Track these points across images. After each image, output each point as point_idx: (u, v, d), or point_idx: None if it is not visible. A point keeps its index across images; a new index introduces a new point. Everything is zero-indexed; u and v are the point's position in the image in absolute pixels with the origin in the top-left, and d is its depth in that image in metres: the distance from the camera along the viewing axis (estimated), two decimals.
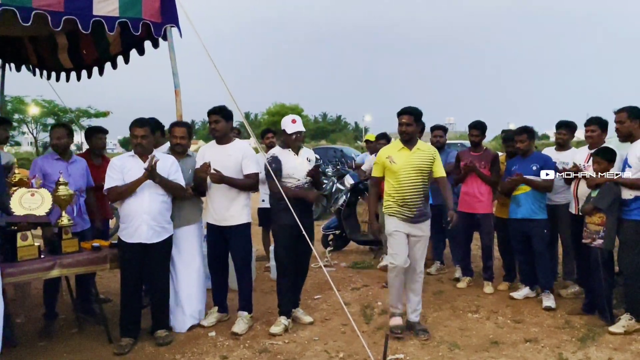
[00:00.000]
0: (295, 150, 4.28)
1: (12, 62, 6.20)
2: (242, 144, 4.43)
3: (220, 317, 4.52)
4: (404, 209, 4.10)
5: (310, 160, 4.30)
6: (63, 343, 4.09)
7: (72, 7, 3.83)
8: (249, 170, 4.27)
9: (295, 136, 4.25)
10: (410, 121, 4.06)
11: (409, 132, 4.07)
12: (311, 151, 4.51)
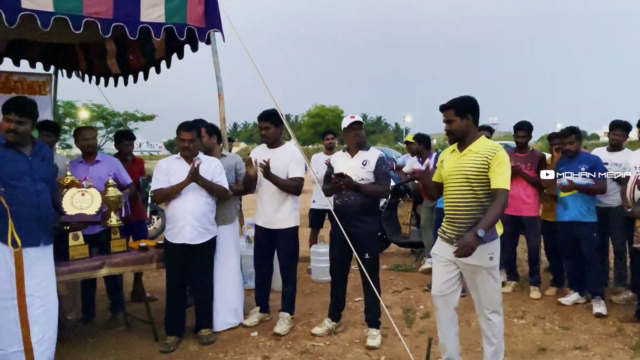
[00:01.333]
0: (353, 150, 4.15)
1: (63, 69, 6.45)
2: (291, 147, 4.45)
3: (262, 317, 4.57)
4: (447, 227, 3.29)
5: (366, 163, 4.05)
6: (111, 340, 4.22)
7: (120, 14, 3.95)
8: (294, 174, 4.30)
9: (351, 131, 4.10)
10: (451, 116, 3.22)
11: (452, 130, 3.24)
12: (377, 152, 4.19)
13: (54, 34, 3.93)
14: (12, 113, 3.10)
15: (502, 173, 3.07)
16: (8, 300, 3.11)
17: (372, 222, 4.12)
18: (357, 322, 4.55)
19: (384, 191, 4.13)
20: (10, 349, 3.13)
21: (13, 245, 3.12)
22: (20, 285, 3.14)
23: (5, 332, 3.12)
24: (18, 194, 3.14)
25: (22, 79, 5.77)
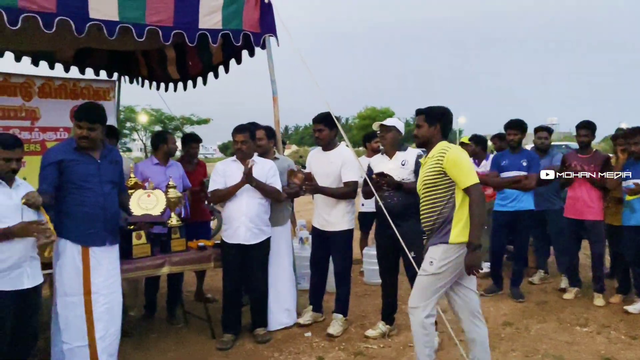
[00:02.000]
0: (391, 152, 4.18)
1: (126, 75, 6.74)
2: (344, 150, 4.46)
3: (316, 317, 4.60)
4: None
5: (405, 163, 4.07)
6: (171, 336, 4.37)
7: (180, 22, 4.09)
8: (347, 177, 4.31)
9: (380, 136, 4.21)
10: (421, 122, 3.33)
11: (417, 134, 3.35)
12: (416, 151, 4.15)
13: (118, 42, 4.11)
14: (84, 120, 3.28)
15: (461, 170, 3.07)
16: (75, 296, 3.29)
17: (417, 221, 4.06)
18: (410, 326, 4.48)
19: None
20: (75, 344, 3.30)
21: (80, 244, 3.31)
22: (87, 283, 3.31)
23: (72, 327, 3.29)
24: (86, 196, 3.32)
25: (89, 85, 6.07)
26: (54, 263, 3.34)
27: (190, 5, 4.14)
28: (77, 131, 3.30)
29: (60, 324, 3.30)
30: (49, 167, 3.23)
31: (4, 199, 2.94)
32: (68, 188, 3.29)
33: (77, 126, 3.29)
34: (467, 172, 3.08)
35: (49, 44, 5.01)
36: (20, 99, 5.57)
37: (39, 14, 3.49)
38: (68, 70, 6.09)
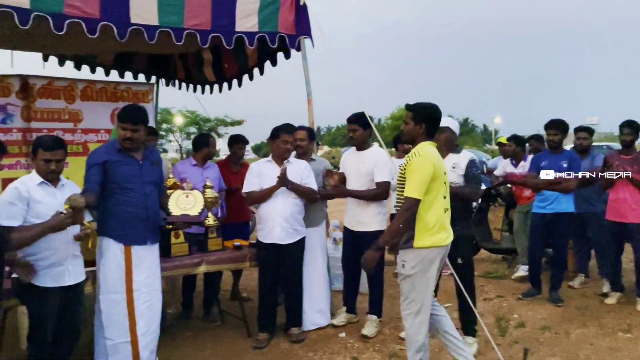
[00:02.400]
0: (443, 153, 3.96)
1: (163, 78, 6.89)
2: (377, 151, 4.45)
3: (350, 318, 4.60)
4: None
5: (455, 166, 3.92)
6: (207, 334, 4.45)
7: (217, 25, 4.16)
8: (379, 178, 4.29)
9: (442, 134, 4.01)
10: (408, 119, 3.36)
11: (404, 130, 3.43)
12: (469, 155, 4.04)
13: (157, 45, 4.21)
14: (128, 122, 3.37)
15: (410, 180, 3.11)
16: (118, 294, 3.38)
17: (464, 225, 4.00)
18: None
19: (472, 194, 4.00)
20: (118, 340, 3.39)
21: (123, 243, 3.40)
22: (129, 281, 3.40)
23: (115, 324, 3.39)
24: (129, 196, 3.41)
25: (128, 88, 6.22)
26: (97, 261, 3.45)
27: (227, 8, 4.21)
28: (121, 132, 3.39)
29: (104, 320, 3.40)
30: (94, 168, 3.33)
31: (48, 199, 3.05)
32: (111, 188, 3.39)
33: (121, 128, 3.39)
34: (415, 183, 3.09)
35: (92, 48, 5.16)
36: (63, 101, 5.75)
37: (83, 19, 3.61)
38: (108, 74, 6.26)
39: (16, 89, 5.43)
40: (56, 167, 3.07)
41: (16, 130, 5.43)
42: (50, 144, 3.07)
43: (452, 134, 4.02)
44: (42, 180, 3.05)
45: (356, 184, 4.37)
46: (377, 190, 4.30)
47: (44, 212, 2.97)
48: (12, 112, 5.42)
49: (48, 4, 3.48)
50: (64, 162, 3.17)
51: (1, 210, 2.89)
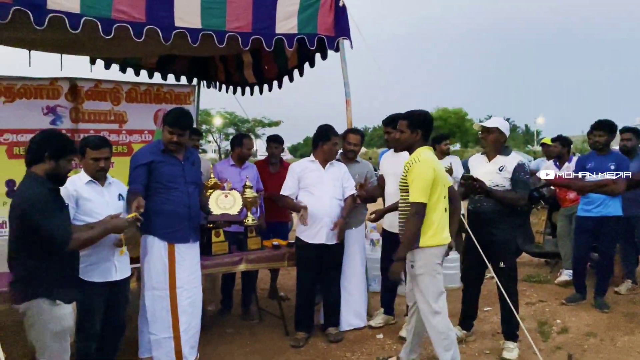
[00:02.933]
0: (491, 154, 3.99)
1: (204, 80, 7.02)
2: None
3: (387, 320, 4.58)
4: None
5: (502, 169, 3.86)
6: (246, 332, 4.51)
7: (258, 28, 4.23)
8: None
9: (482, 137, 4.05)
10: (403, 127, 3.45)
11: (400, 139, 3.52)
12: (518, 157, 3.94)
13: (199, 48, 4.30)
14: (176, 127, 3.48)
15: (413, 186, 3.26)
16: (162, 290, 3.48)
17: (508, 229, 3.93)
18: (486, 333, 4.38)
19: (518, 199, 3.88)
20: (161, 335, 3.49)
21: (167, 241, 3.49)
22: (172, 278, 3.50)
23: (158, 319, 3.49)
24: (173, 195, 3.51)
25: (171, 90, 6.36)
26: (141, 258, 3.56)
27: (267, 11, 4.27)
28: (168, 136, 3.49)
29: (148, 316, 3.50)
30: (140, 169, 3.44)
31: (97, 197, 3.16)
32: (156, 188, 3.49)
33: (169, 132, 3.49)
34: (419, 188, 3.24)
35: (137, 51, 5.33)
36: (109, 103, 5.93)
37: (130, 23, 3.73)
38: (152, 77, 6.44)
39: (65, 91, 5.62)
40: (104, 165, 3.18)
41: (65, 131, 5.57)
42: (98, 143, 3.18)
43: (500, 135, 3.94)
44: (90, 179, 3.16)
45: (394, 187, 4.35)
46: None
47: (93, 210, 3.09)
48: (62, 114, 5.62)
49: (97, 9, 3.62)
50: (111, 160, 3.29)
51: None
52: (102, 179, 3.24)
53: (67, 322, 2.76)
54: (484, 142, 4.05)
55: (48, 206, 2.63)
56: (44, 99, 5.50)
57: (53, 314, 2.69)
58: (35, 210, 2.58)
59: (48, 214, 2.61)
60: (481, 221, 3.86)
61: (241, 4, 4.16)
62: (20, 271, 2.70)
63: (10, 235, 2.73)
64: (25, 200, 2.62)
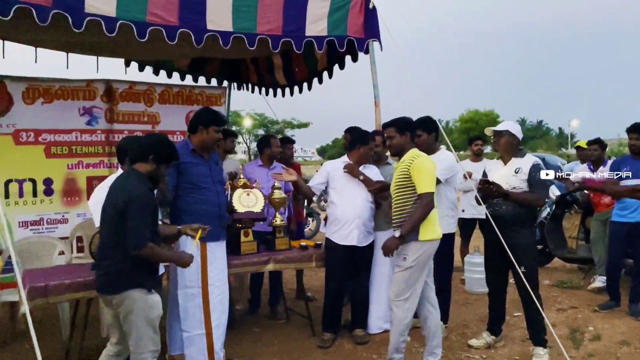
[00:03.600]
0: (506, 158, 3.97)
1: (235, 82, 7.12)
2: (443, 155, 4.36)
3: (415, 323, 4.53)
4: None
5: (518, 171, 3.84)
6: (273, 331, 4.55)
7: (288, 30, 4.26)
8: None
9: (494, 142, 4.06)
10: (392, 133, 3.67)
11: (392, 145, 3.72)
12: (532, 159, 3.91)
13: (230, 50, 4.36)
14: (222, 126, 3.67)
15: (420, 178, 3.46)
16: (194, 288, 3.54)
17: (527, 233, 3.87)
18: (516, 338, 4.32)
19: (537, 200, 3.84)
20: (194, 332, 3.55)
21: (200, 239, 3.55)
22: (204, 276, 3.56)
23: (191, 317, 3.55)
24: (204, 195, 3.59)
25: (202, 91, 6.48)
26: None
27: (298, 13, 4.29)
28: (215, 135, 3.63)
29: (181, 313, 3.56)
30: (170, 171, 3.51)
31: None
32: (186, 188, 3.57)
33: (215, 131, 3.61)
34: (426, 180, 3.47)
35: (170, 54, 5.44)
36: (143, 104, 6.07)
37: (164, 26, 3.81)
38: (184, 79, 6.55)
39: (101, 92, 5.79)
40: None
41: (100, 132, 5.79)
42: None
43: (510, 138, 3.92)
44: None
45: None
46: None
47: None
48: (97, 115, 5.79)
49: (132, 13, 3.70)
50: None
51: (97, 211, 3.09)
52: None
53: (159, 309, 2.93)
54: (496, 146, 4.04)
55: (145, 205, 2.79)
56: (80, 100, 5.68)
57: (149, 303, 2.86)
58: (134, 205, 2.74)
59: (140, 213, 2.76)
60: (500, 225, 3.82)
61: (272, 6, 4.19)
62: (116, 262, 2.82)
63: (106, 228, 2.87)
64: (129, 193, 2.78)
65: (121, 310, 2.86)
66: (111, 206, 2.82)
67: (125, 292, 2.82)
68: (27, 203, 5.34)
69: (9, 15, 3.32)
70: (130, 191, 2.79)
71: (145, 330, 2.85)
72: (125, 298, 2.82)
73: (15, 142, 5.28)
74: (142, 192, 2.81)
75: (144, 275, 2.87)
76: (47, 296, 3.31)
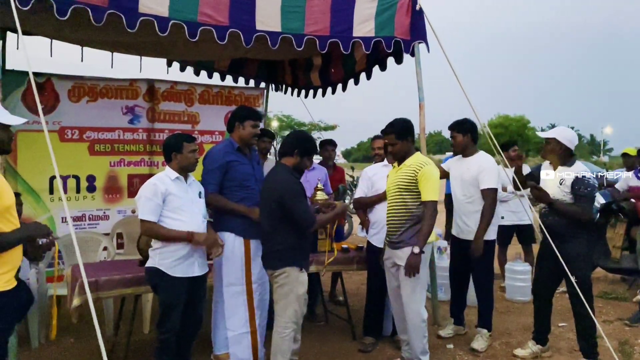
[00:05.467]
0: (554, 164, 3.87)
1: (272, 83, 7.12)
2: (482, 157, 4.28)
3: (457, 330, 4.48)
4: (387, 233, 3.77)
5: (562, 182, 3.71)
6: (313, 333, 4.50)
7: (336, 31, 4.23)
8: (484, 185, 4.10)
9: (544, 145, 3.94)
10: (392, 140, 3.63)
11: (394, 152, 3.68)
12: (579, 170, 3.73)
13: (274, 51, 4.35)
14: (259, 120, 3.72)
15: (428, 186, 3.47)
16: (238, 286, 3.55)
17: (578, 242, 3.75)
18: (562, 349, 4.20)
19: (581, 214, 3.66)
20: (239, 330, 3.56)
21: (243, 236, 3.56)
22: (248, 273, 3.57)
23: (236, 315, 3.56)
24: (248, 193, 3.60)
25: (241, 92, 6.52)
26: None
27: (345, 14, 4.27)
28: (252, 130, 3.65)
29: (226, 312, 3.57)
30: (217, 170, 3.54)
31: (183, 194, 3.26)
32: (231, 187, 3.58)
33: (252, 125, 3.64)
34: (434, 188, 3.48)
35: (212, 54, 5.47)
36: (183, 104, 6.14)
37: (214, 26, 3.83)
38: (224, 79, 6.58)
39: (143, 92, 5.88)
40: (198, 157, 3.37)
41: (142, 130, 5.87)
42: (191, 137, 3.39)
43: (557, 146, 3.79)
44: (177, 176, 3.26)
45: (460, 192, 4.25)
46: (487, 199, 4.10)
47: (180, 207, 3.19)
48: (139, 113, 5.87)
49: (185, 13, 3.73)
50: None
51: (144, 206, 3.14)
52: (187, 176, 3.35)
53: (306, 287, 3.34)
54: (544, 153, 3.93)
55: (297, 192, 3.23)
56: (123, 99, 5.78)
57: (300, 280, 3.29)
58: (291, 196, 3.20)
59: (298, 199, 3.21)
60: (551, 234, 3.73)
61: (320, 7, 4.18)
62: (276, 244, 3.29)
63: (267, 215, 3.32)
64: (281, 185, 3.23)
65: (274, 284, 3.31)
66: (268, 199, 3.27)
67: (282, 268, 3.26)
68: (70, 199, 5.44)
69: (67, 15, 3.38)
70: (279, 182, 3.25)
71: (293, 303, 3.27)
72: (282, 273, 3.26)
73: (60, 139, 5.39)
74: (287, 181, 3.24)
75: (299, 256, 3.32)
76: (97, 291, 3.35)
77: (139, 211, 3.19)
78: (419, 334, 3.59)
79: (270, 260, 3.35)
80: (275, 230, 3.28)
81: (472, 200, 4.16)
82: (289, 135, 3.53)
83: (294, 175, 3.31)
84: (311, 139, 3.48)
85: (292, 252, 3.28)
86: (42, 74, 5.27)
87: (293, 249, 3.28)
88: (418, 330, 3.58)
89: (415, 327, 3.58)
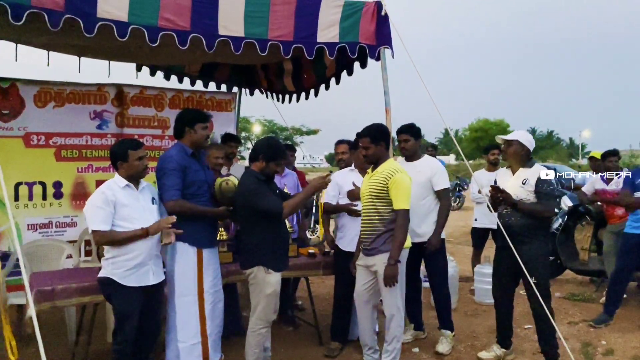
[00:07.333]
0: (514, 167, 3.93)
1: (246, 88, 7.10)
2: (430, 160, 4.38)
3: (417, 335, 4.49)
4: (361, 239, 3.76)
5: (525, 182, 3.78)
6: (281, 338, 4.48)
7: (300, 36, 4.23)
8: (440, 186, 4.21)
9: (503, 150, 4.03)
10: (366, 144, 3.64)
11: (367, 155, 3.67)
12: (539, 170, 3.83)
13: (241, 56, 4.34)
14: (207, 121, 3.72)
15: (399, 195, 3.48)
16: (190, 296, 3.49)
17: (538, 244, 3.80)
18: (526, 351, 4.24)
19: (544, 211, 3.77)
20: (189, 342, 3.49)
21: (196, 246, 3.51)
22: (200, 283, 3.52)
23: (187, 326, 3.49)
24: (201, 201, 3.55)
25: (213, 97, 6.48)
26: (168, 264, 3.52)
27: (309, 20, 4.25)
28: (204, 132, 3.62)
29: (177, 323, 3.48)
30: (176, 173, 3.41)
31: (133, 202, 3.21)
32: (187, 194, 3.48)
33: (202, 127, 3.62)
34: (405, 196, 3.50)
35: (180, 59, 5.44)
36: (153, 109, 6.08)
37: (175, 31, 3.80)
38: (194, 84, 6.55)
39: (112, 97, 5.81)
40: (147, 163, 3.31)
41: (110, 136, 5.80)
42: (136, 143, 3.31)
43: (519, 147, 3.86)
44: (127, 184, 3.22)
45: (413, 195, 4.28)
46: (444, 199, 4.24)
47: (130, 214, 3.14)
48: (108, 119, 5.80)
49: (144, 18, 3.69)
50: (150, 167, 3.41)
51: (95, 215, 3.08)
52: (137, 182, 3.30)
53: (276, 287, 3.41)
54: (505, 155, 4.01)
55: (260, 190, 3.32)
56: (91, 104, 5.70)
57: (267, 280, 3.36)
58: (251, 194, 3.30)
59: (261, 196, 3.30)
60: (510, 236, 3.77)
61: (284, 12, 4.17)
62: (245, 244, 3.42)
63: (239, 217, 3.47)
64: (242, 188, 3.39)
65: (249, 283, 3.43)
66: (238, 202, 3.42)
67: (250, 268, 3.38)
68: (36, 206, 5.35)
69: (22, 20, 3.32)
70: (243, 186, 3.39)
71: (263, 302, 3.39)
72: (251, 273, 3.39)
73: (25, 145, 5.30)
74: (250, 184, 3.34)
75: (266, 256, 3.37)
76: (54, 300, 3.30)
77: (90, 222, 3.11)
78: (398, 322, 3.65)
79: (241, 260, 3.51)
80: (244, 230, 3.43)
81: (426, 202, 4.22)
82: (257, 142, 3.63)
83: (256, 177, 3.39)
84: (276, 145, 3.54)
85: (258, 251, 3.36)
86: (6, 79, 5.20)
87: (259, 249, 3.36)
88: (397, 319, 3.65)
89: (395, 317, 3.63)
